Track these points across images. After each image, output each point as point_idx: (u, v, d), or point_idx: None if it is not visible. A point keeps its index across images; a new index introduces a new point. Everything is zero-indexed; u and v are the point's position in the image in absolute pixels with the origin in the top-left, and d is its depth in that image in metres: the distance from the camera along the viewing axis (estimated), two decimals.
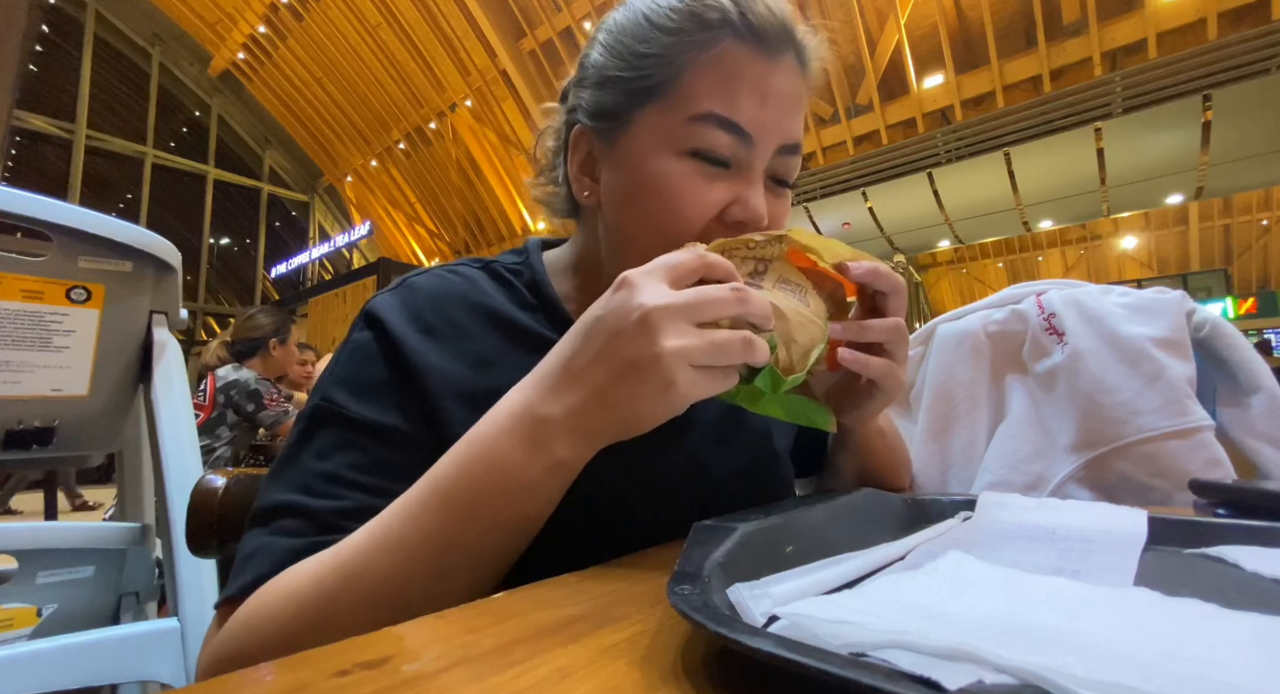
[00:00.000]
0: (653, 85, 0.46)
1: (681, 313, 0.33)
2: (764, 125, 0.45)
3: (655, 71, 0.45)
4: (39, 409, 1.05)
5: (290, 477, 0.42)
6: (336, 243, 13.34)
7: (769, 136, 0.45)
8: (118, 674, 0.85)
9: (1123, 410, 0.66)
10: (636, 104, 0.46)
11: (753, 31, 0.44)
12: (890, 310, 0.42)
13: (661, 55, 0.45)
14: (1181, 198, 6.89)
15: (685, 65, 0.45)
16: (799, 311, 0.39)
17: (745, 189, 0.46)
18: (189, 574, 0.92)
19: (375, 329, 0.46)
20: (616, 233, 0.49)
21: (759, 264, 0.41)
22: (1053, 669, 0.16)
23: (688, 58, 0.45)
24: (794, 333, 0.38)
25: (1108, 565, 0.30)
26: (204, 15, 11.76)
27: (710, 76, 0.44)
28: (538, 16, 8.77)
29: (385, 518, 0.37)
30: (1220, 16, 5.68)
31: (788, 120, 0.46)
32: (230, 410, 2.21)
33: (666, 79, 0.45)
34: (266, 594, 0.37)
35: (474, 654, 0.23)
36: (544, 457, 0.35)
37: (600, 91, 0.49)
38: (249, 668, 0.22)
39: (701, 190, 0.45)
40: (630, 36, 0.47)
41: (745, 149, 0.45)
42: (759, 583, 0.25)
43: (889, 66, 7.32)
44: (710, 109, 0.44)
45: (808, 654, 0.17)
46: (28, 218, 0.96)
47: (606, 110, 0.48)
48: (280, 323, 2.41)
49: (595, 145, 0.50)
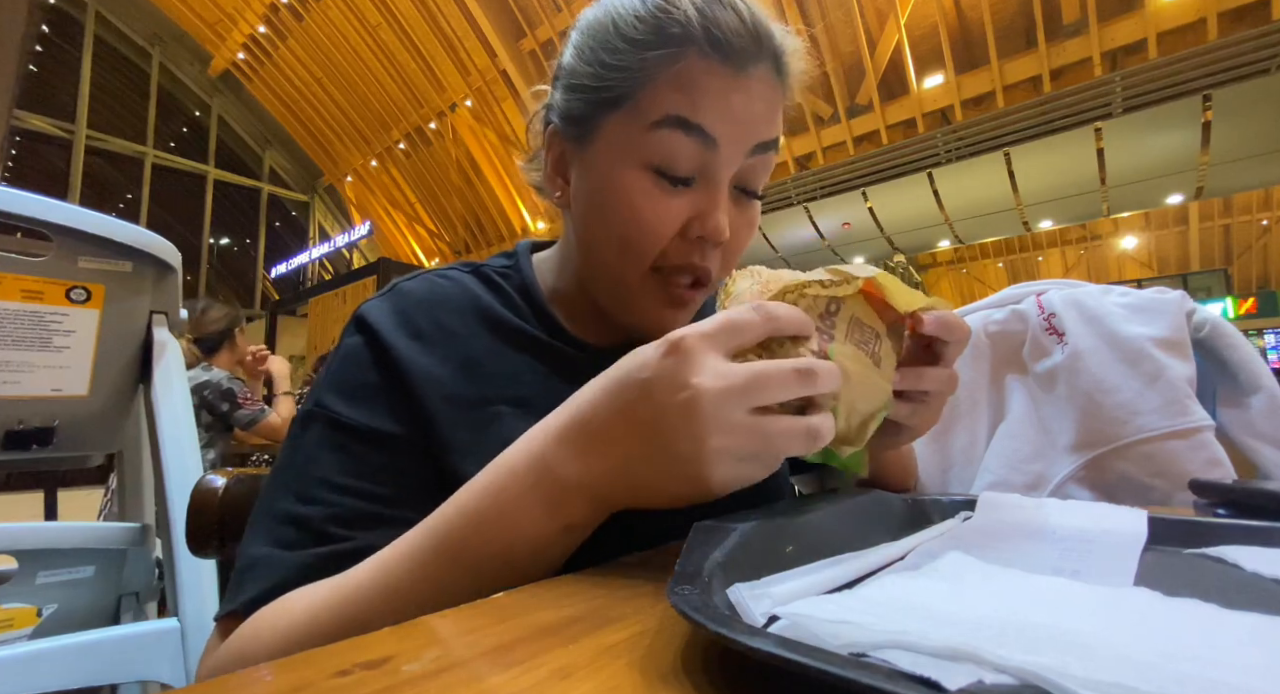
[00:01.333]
0: (617, 96, 0.45)
1: (737, 399, 0.30)
2: (729, 135, 0.44)
3: (619, 84, 0.45)
4: (39, 409, 1.05)
5: (286, 481, 0.42)
6: (336, 243, 13.34)
7: (734, 145, 0.44)
8: (118, 674, 0.85)
9: (1123, 410, 0.66)
10: (602, 113, 0.46)
11: (717, 46, 0.43)
12: (948, 358, 0.40)
13: (627, 67, 0.44)
14: (1181, 198, 6.90)
15: (648, 79, 0.44)
16: (867, 374, 0.35)
17: (706, 204, 0.45)
18: (189, 574, 0.92)
19: (365, 334, 0.46)
20: (583, 236, 0.49)
21: (832, 303, 0.37)
22: (1053, 669, 0.16)
23: (651, 71, 0.44)
24: (858, 401, 0.35)
25: (1108, 565, 0.30)
26: (204, 15, 11.76)
27: (672, 89, 0.43)
28: (538, 16, 8.77)
29: (388, 563, 0.35)
30: (1220, 16, 5.68)
31: (758, 128, 0.45)
32: (204, 411, 2.17)
33: (630, 91, 0.44)
34: (262, 623, 0.36)
35: (474, 654, 0.23)
36: (560, 518, 0.33)
37: (570, 96, 0.48)
38: (249, 668, 0.22)
39: (661, 205, 0.44)
40: (599, 44, 0.46)
41: (709, 154, 0.44)
42: (759, 583, 0.25)
43: (889, 66, 7.32)
44: (670, 111, 0.43)
45: (808, 654, 0.17)
46: (28, 218, 0.96)
47: (574, 116, 0.48)
48: (233, 310, 2.40)
49: (566, 147, 0.50)
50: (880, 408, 0.36)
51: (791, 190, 8.01)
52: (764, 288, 0.36)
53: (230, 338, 2.34)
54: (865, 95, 7.52)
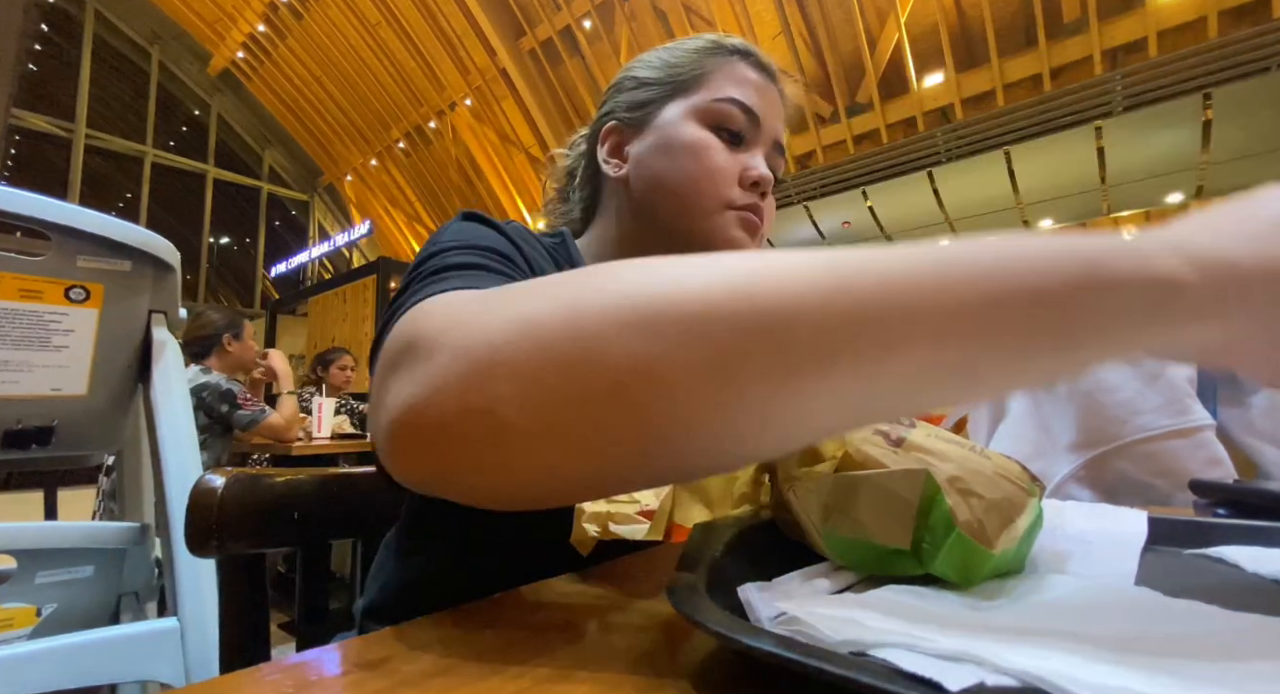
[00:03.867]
0: (681, 82, 0.56)
1: None
2: (767, 117, 0.56)
3: (685, 74, 0.56)
4: (38, 409, 1.05)
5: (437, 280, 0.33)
6: (336, 242, 13.34)
7: (770, 126, 0.56)
8: (117, 674, 0.85)
9: (1123, 409, 0.66)
10: (666, 98, 0.57)
11: (755, 62, 0.58)
12: None
13: (690, 64, 0.57)
14: (1182, 197, 6.89)
15: (708, 74, 0.56)
16: (968, 456, 0.29)
17: (754, 160, 0.55)
18: (188, 574, 0.92)
19: (478, 220, 0.47)
20: (653, 190, 0.55)
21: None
22: (1054, 670, 0.16)
23: (710, 70, 0.56)
24: (974, 485, 0.28)
25: (1108, 566, 0.30)
26: (203, 14, 11.75)
27: (729, 78, 0.56)
28: (537, 15, 8.75)
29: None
30: (1221, 15, 5.68)
31: (779, 127, 0.58)
32: (200, 413, 2.14)
33: (694, 79, 0.56)
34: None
35: (474, 654, 0.23)
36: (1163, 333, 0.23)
37: (635, 93, 0.58)
38: (250, 668, 0.22)
39: (723, 153, 0.54)
40: (667, 54, 0.59)
41: (754, 129, 0.55)
42: (768, 584, 0.25)
43: (889, 65, 7.31)
44: (729, 95, 0.55)
45: (808, 654, 0.17)
46: (26, 217, 0.96)
47: (640, 103, 0.58)
48: (230, 318, 2.37)
49: (625, 132, 0.59)
50: (1013, 501, 0.28)
51: (791, 189, 8.00)
52: None
53: (218, 345, 2.30)
54: (865, 94, 7.52)
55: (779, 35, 7.59)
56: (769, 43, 7.72)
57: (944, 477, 0.27)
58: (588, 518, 0.34)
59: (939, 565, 0.26)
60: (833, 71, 7.57)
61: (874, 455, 0.29)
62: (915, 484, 0.26)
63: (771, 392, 0.20)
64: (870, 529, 0.27)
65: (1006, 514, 0.28)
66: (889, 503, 0.26)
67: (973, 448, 0.30)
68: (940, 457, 0.29)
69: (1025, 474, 0.30)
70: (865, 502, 0.27)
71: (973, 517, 0.27)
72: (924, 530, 0.26)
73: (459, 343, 0.22)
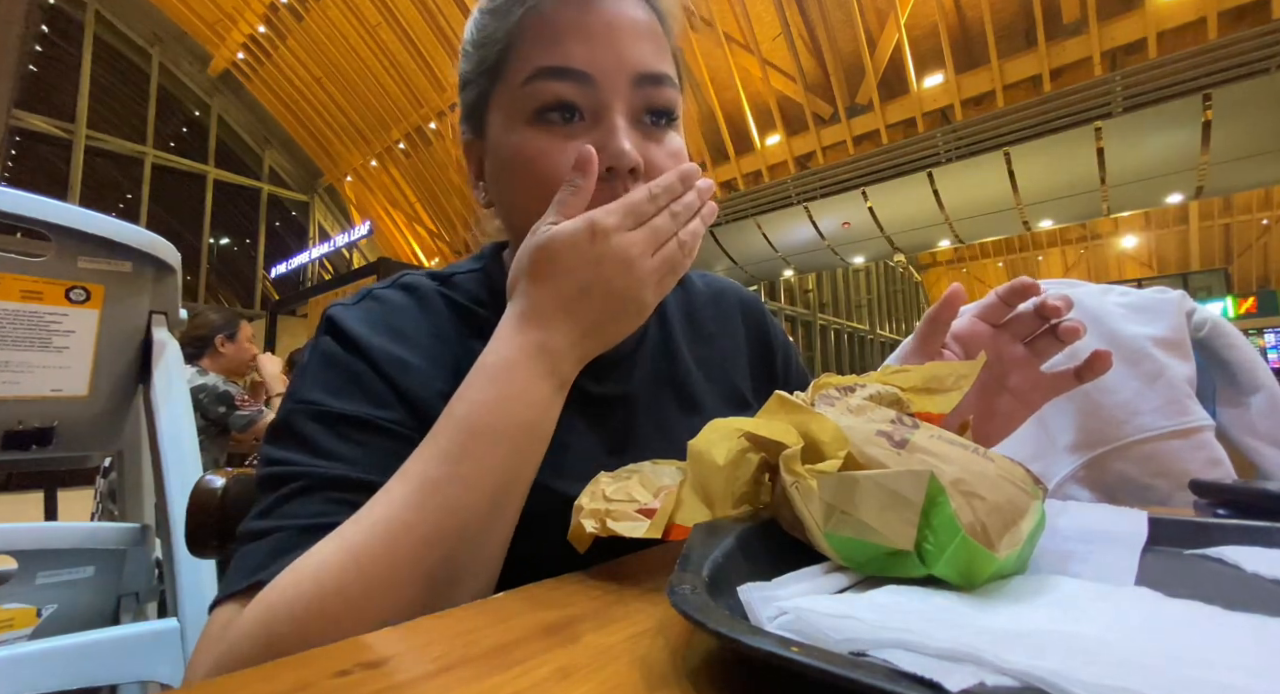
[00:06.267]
0: (492, 66, 0.47)
1: (641, 240, 0.39)
2: (601, 63, 0.43)
3: (491, 54, 0.47)
4: (39, 409, 1.05)
5: (280, 459, 0.40)
6: (336, 243, 13.35)
7: (612, 72, 0.44)
8: (117, 674, 0.85)
9: (1123, 410, 0.66)
10: (488, 90, 0.48)
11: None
12: (1066, 336, 0.53)
13: (493, 37, 0.46)
14: (1181, 197, 6.90)
15: (512, 43, 0.45)
16: (972, 458, 0.29)
17: (603, 136, 0.44)
18: (188, 574, 0.92)
19: (337, 335, 0.45)
20: (509, 216, 0.49)
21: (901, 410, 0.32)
22: (1054, 671, 0.16)
23: (513, 35, 0.45)
24: (978, 488, 0.27)
25: (1108, 566, 0.30)
26: (204, 15, 11.76)
27: (531, 37, 0.44)
28: None
29: (418, 469, 0.36)
30: (1220, 15, 5.69)
31: (632, 50, 0.44)
32: (197, 415, 2.14)
33: (501, 56, 0.46)
34: (279, 583, 0.33)
35: (474, 654, 0.23)
36: (557, 379, 0.40)
37: (465, 95, 0.50)
38: (249, 668, 0.22)
39: (559, 150, 0.43)
40: (472, 33, 0.49)
41: (589, 90, 0.44)
42: (769, 584, 0.25)
43: (889, 66, 7.32)
44: (536, 64, 0.44)
45: (807, 654, 0.17)
46: (27, 218, 0.96)
47: (469, 108, 0.50)
48: (227, 319, 2.36)
49: (476, 146, 0.52)
50: (1015, 504, 0.28)
51: (791, 190, 8.01)
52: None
53: (211, 346, 2.29)
54: (865, 95, 7.53)
55: (779, 36, 7.59)
56: (769, 43, 7.73)
57: (947, 478, 0.27)
58: (586, 514, 0.34)
59: (942, 567, 0.26)
60: (833, 72, 7.58)
61: (877, 457, 0.29)
62: (919, 485, 0.26)
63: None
64: (873, 529, 0.27)
65: (1009, 517, 0.28)
66: (892, 503, 0.26)
67: (976, 450, 0.30)
68: (944, 458, 0.29)
69: (1028, 477, 0.30)
70: (868, 502, 0.27)
71: (975, 519, 0.26)
72: (927, 531, 0.26)
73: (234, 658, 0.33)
